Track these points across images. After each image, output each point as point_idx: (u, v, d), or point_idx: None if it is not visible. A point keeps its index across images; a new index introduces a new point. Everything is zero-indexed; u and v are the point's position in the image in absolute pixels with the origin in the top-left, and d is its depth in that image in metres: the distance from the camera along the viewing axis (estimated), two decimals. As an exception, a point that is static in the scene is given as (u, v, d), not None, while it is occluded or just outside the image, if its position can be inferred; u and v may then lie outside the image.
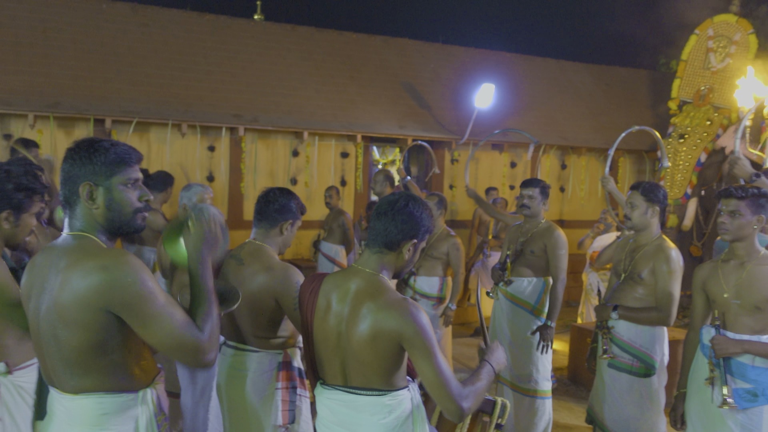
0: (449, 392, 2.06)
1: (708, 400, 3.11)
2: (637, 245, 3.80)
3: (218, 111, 9.06)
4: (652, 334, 3.70)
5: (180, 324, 1.86)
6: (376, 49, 11.44)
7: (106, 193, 1.92)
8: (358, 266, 2.26)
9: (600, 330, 3.78)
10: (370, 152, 10.80)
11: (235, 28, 10.36)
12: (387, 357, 2.12)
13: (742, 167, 3.74)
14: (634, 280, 3.72)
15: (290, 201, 3.00)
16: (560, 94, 12.51)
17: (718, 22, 10.17)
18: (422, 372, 2.09)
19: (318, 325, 2.26)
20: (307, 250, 9.23)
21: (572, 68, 13.31)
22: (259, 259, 2.89)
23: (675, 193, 9.69)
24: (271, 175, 9.51)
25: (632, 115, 12.58)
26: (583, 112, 12.31)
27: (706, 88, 10.03)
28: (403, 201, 2.22)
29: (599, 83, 13.27)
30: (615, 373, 3.73)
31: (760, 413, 2.98)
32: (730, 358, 3.03)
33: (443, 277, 5.44)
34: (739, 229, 3.03)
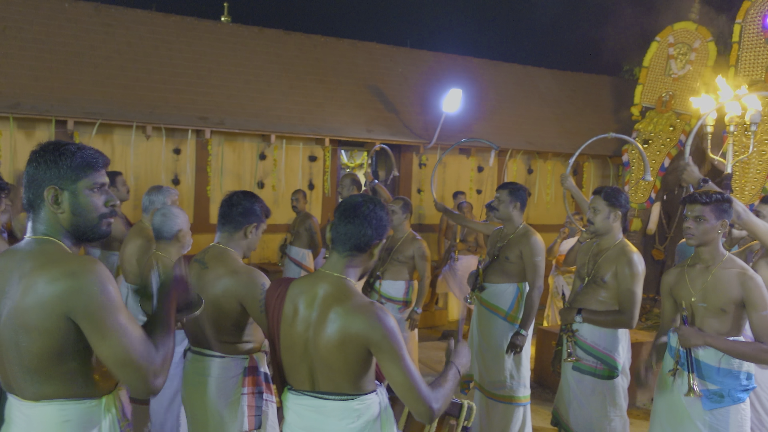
0: (419, 394, 2.06)
1: (676, 401, 3.16)
2: (599, 249, 3.85)
3: (184, 113, 8.96)
4: (615, 336, 3.75)
5: (136, 342, 1.82)
6: (344, 52, 11.43)
7: (71, 198, 1.89)
8: (325, 270, 2.25)
9: (564, 333, 3.82)
10: (338, 156, 10.78)
11: (202, 29, 10.25)
12: (355, 361, 2.12)
13: (691, 173, 3.84)
14: (597, 283, 3.77)
15: (254, 204, 2.97)
16: (526, 99, 12.65)
17: (678, 30, 10.40)
18: (391, 376, 2.09)
19: (285, 330, 2.24)
20: (274, 255, 9.18)
21: (538, 74, 13.48)
22: (223, 263, 2.86)
23: (639, 198, 9.87)
24: (238, 178, 9.43)
25: (597, 120, 12.79)
26: (548, 117, 12.47)
27: (668, 95, 10.25)
28: (370, 203, 2.23)
29: (565, 89, 13.46)
30: (579, 376, 3.77)
31: (726, 413, 3.05)
32: (699, 360, 3.09)
33: (409, 280, 5.44)
34: (704, 233, 3.09)
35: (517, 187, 4.55)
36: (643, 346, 5.84)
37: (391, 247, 5.44)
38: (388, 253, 5.43)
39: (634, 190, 10.00)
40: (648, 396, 5.91)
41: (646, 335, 6.16)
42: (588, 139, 6.08)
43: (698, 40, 10.14)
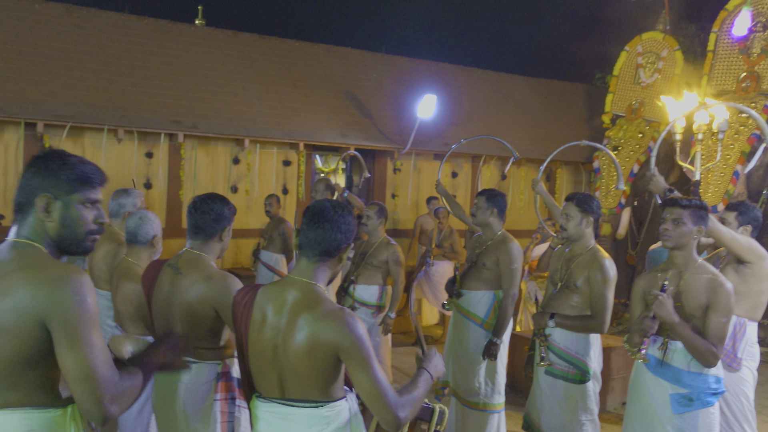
0: (386, 402, 2.06)
1: (648, 404, 3.20)
2: (572, 255, 3.90)
3: (157, 117, 8.88)
4: (587, 341, 3.79)
5: (102, 362, 1.79)
6: (319, 57, 11.43)
7: (63, 209, 1.89)
8: (294, 276, 2.24)
9: (537, 338, 3.86)
10: (313, 161, 10.76)
11: (175, 32, 10.18)
12: (324, 368, 2.11)
13: (657, 183, 3.91)
14: (569, 288, 3.81)
15: (224, 207, 2.95)
16: (500, 105, 12.76)
17: (647, 39, 10.59)
18: (359, 382, 2.08)
19: (253, 338, 2.23)
20: (247, 259, 9.13)
21: (512, 81, 13.60)
22: (198, 269, 2.84)
23: (609, 203, 10.00)
24: (211, 183, 9.36)
25: (569, 127, 12.94)
26: (522, 124, 12.58)
27: (637, 103, 10.42)
28: (338, 208, 2.24)
29: (538, 96, 13.59)
30: (551, 380, 3.80)
31: (695, 417, 3.09)
32: (669, 363, 3.13)
33: (383, 285, 5.43)
34: (680, 237, 3.14)
35: (495, 193, 4.54)
36: (614, 351, 5.91)
37: (365, 251, 5.43)
38: (363, 258, 5.42)
39: (605, 196, 10.13)
40: (619, 400, 5.98)
41: (617, 340, 6.23)
42: (561, 145, 6.16)
43: (666, 49, 10.34)
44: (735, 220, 4.10)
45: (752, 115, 4.36)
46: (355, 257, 5.51)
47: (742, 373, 3.96)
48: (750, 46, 9.04)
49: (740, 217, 4.09)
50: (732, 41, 9.08)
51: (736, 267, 3.98)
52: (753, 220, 4.09)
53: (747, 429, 3.97)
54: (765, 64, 8.90)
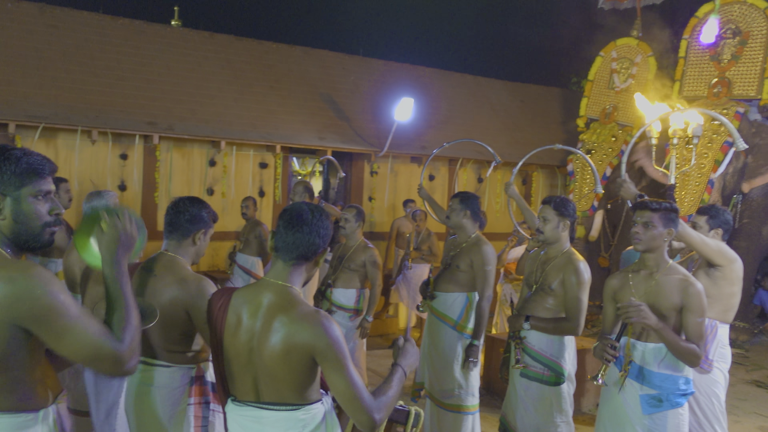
0: (362, 404, 2.06)
1: (618, 405, 3.23)
2: (547, 258, 3.92)
3: (131, 118, 8.79)
4: (562, 344, 3.82)
5: (96, 334, 1.80)
6: (296, 59, 11.40)
7: (14, 205, 1.83)
8: (269, 279, 2.23)
9: (513, 340, 3.88)
10: (290, 163, 10.73)
11: (151, 33, 10.09)
12: (300, 371, 2.11)
13: (628, 189, 3.98)
14: (545, 291, 3.84)
15: (201, 210, 2.92)
16: (477, 109, 12.83)
17: (621, 45, 10.76)
18: (334, 385, 2.08)
19: (228, 341, 2.21)
20: (223, 262, 9.06)
21: (489, 84, 13.68)
22: (172, 271, 2.81)
23: (583, 206, 10.12)
24: (187, 185, 9.29)
25: (545, 131, 13.05)
26: (498, 127, 12.67)
27: (611, 107, 10.56)
28: (316, 211, 2.23)
29: (514, 100, 13.69)
30: (526, 382, 3.82)
31: (664, 418, 3.12)
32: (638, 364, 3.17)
33: (360, 289, 5.41)
34: (651, 239, 3.17)
35: (468, 195, 4.56)
36: (589, 353, 5.96)
37: (342, 255, 5.41)
38: (340, 261, 5.39)
39: (578, 199, 10.25)
40: (593, 401, 6.04)
41: (592, 342, 6.30)
42: (534, 149, 6.22)
43: (639, 55, 10.50)
44: (706, 224, 4.16)
45: (722, 121, 4.44)
46: (333, 260, 5.50)
47: (714, 375, 4.03)
48: (720, 53, 9.21)
49: (711, 221, 4.15)
50: (702, 48, 9.24)
51: (707, 270, 4.04)
52: (723, 224, 4.15)
53: (718, 429, 4.03)
54: (735, 70, 9.08)
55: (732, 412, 5.93)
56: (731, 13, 9.20)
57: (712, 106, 8.86)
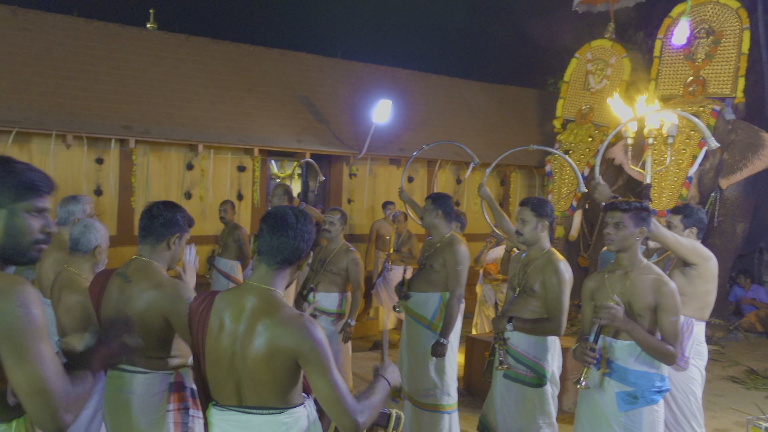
0: (345, 407, 2.06)
1: (595, 403, 3.26)
2: (528, 259, 3.95)
3: (107, 122, 8.69)
4: (545, 345, 3.83)
5: (53, 373, 1.74)
6: (274, 62, 11.36)
7: (8, 217, 1.81)
8: (252, 282, 2.22)
9: (496, 341, 3.89)
10: (268, 166, 10.68)
11: (126, 36, 9.99)
12: (283, 374, 2.10)
13: (601, 191, 4.02)
14: (527, 293, 3.86)
15: (176, 214, 2.89)
16: (455, 110, 12.88)
17: (596, 47, 10.88)
18: (317, 388, 2.08)
19: (210, 345, 2.20)
20: (202, 267, 9.00)
21: (466, 86, 13.74)
22: (147, 276, 2.78)
23: (562, 206, 10.20)
24: (164, 189, 9.20)
25: (523, 132, 13.14)
26: (476, 129, 12.72)
27: (587, 108, 10.67)
28: (300, 215, 2.23)
29: (492, 101, 13.77)
30: (509, 383, 3.84)
31: (639, 415, 3.16)
32: (613, 362, 3.20)
33: (343, 292, 5.37)
34: (623, 239, 3.21)
35: (440, 196, 4.60)
36: (569, 352, 5.99)
37: (324, 258, 5.36)
38: (322, 265, 5.34)
39: (557, 199, 10.32)
40: (574, 400, 6.08)
41: (572, 341, 6.33)
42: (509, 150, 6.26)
43: (614, 56, 10.63)
44: (680, 222, 4.22)
45: (692, 120, 4.50)
46: (314, 264, 5.44)
47: (690, 372, 4.08)
48: (695, 52, 9.34)
49: (685, 220, 4.21)
50: (677, 47, 9.36)
51: (683, 269, 4.10)
52: (698, 222, 4.21)
53: (695, 426, 4.08)
54: (710, 68, 9.21)
55: (709, 407, 6.01)
56: (704, 12, 9.33)
57: (688, 104, 8.97)
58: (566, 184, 10.26)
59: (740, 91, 8.93)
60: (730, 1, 9.18)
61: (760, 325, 9.24)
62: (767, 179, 9.37)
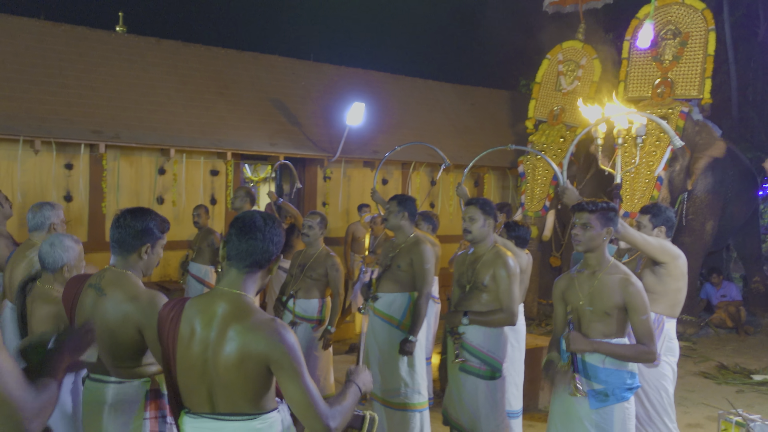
0: (317, 412, 2.06)
1: (568, 401, 3.30)
2: (476, 256, 4.08)
3: (76, 126, 8.57)
4: (498, 339, 3.97)
5: (14, 383, 1.70)
6: (246, 65, 11.30)
7: None
8: (222, 288, 2.20)
9: (451, 336, 4.00)
10: (241, 170, 10.61)
11: (95, 39, 9.86)
12: (255, 379, 2.09)
13: (570, 195, 4.13)
14: (478, 288, 3.98)
15: (146, 222, 2.80)
16: (428, 112, 12.92)
17: (567, 48, 11.00)
18: (288, 393, 2.07)
19: (182, 352, 2.18)
20: (176, 272, 8.91)
21: (439, 88, 13.80)
22: (122, 288, 2.71)
23: (535, 206, 10.28)
24: (136, 194, 9.10)
25: (496, 133, 13.23)
26: (450, 130, 12.78)
27: (559, 108, 10.77)
28: (268, 219, 2.22)
29: (465, 103, 13.84)
30: (465, 376, 3.96)
31: (611, 412, 3.21)
32: (584, 361, 3.24)
33: (322, 298, 5.25)
34: (590, 240, 3.27)
35: (406, 198, 4.67)
36: (544, 351, 6.05)
37: (303, 263, 5.24)
38: (301, 270, 5.22)
39: (530, 200, 10.40)
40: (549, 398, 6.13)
41: (546, 340, 6.39)
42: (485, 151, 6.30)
43: (585, 57, 10.75)
44: (649, 222, 4.30)
45: (655, 120, 4.58)
46: (292, 269, 5.34)
47: (662, 368, 4.14)
48: (662, 54, 9.48)
49: (654, 219, 4.29)
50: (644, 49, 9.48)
51: (653, 268, 4.17)
52: (666, 221, 4.29)
53: (667, 421, 4.15)
54: (677, 70, 9.35)
55: (681, 403, 6.10)
56: (670, 14, 9.47)
57: (657, 106, 9.10)
58: (539, 184, 10.34)
59: (707, 92, 9.08)
60: (696, 2, 9.33)
61: (730, 321, 9.41)
62: (735, 178, 9.54)
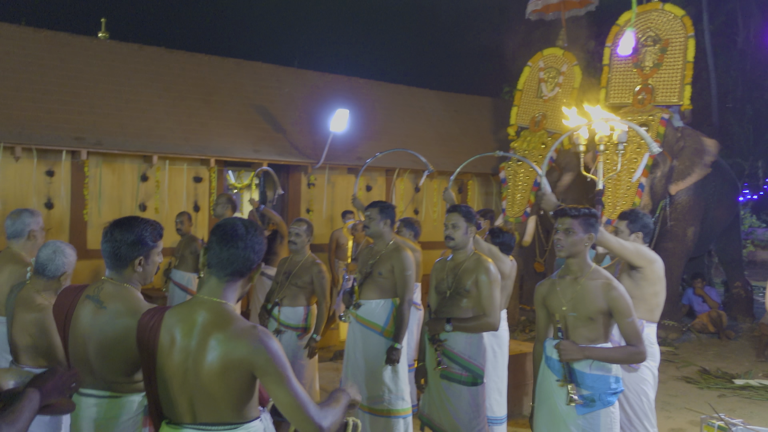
0: (307, 414, 2.05)
1: (554, 407, 3.32)
2: (456, 263, 4.10)
3: (58, 133, 8.49)
4: (479, 345, 4.00)
5: None
6: (229, 71, 11.27)
7: None
8: (203, 296, 2.19)
9: (433, 343, 4.00)
10: (225, 176, 10.57)
11: (77, 45, 9.80)
12: (238, 388, 2.08)
13: (548, 201, 4.17)
14: (460, 294, 4.00)
15: (136, 234, 2.72)
16: (412, 119, 12.95)
17: (548, 55, 11.07)
18: (278, 398, 2.06)
19: (162, 362, 2.16)
20: (158, 279, 8.83)
21: (423, 95, 13.85)
22: (123, 302, 2.65)
23: (515, 212, 10.32)
24: (118, 201, 9.03)
25: (479, 140, 13.28)
26: (433, 137, 12.82)
27: (540, 115, 10.84)
28: (250, 227, 2.21)
29: (449, 110, 13.89)
30: (447, 383, 3.97)
31: (597, 417, 3.23)
32: (572, 367, 3.26)
33: (307, 306, 5.21)
34: (572, 245, 3.30)
35: (386, 205, 4.70)
36: (528, 357, 6.07)
37: (289, 270, 5.20)
38: (287, 277, 5.18)
39: (511, 205, 10.44)
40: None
41: (530, 346, 6.41)
42: (471, 157, 6.32)
43: (565, 64, 10.83)
44: (626, 228, 4.36)
45: (633, 127, 4.63)
46: (278, 276, 5.29)
47: (642, 373, 4.18)
48: (642, 60, 9.56)
49: (631, 225, 4.35)
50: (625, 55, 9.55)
51: (630, 273, 4.23)
52: (643, 227, 4.34)
53: (647, 425, 4.19)
54: (658, 77, 9.43)
55: (664, 408, 6.14)
56: (650, 21, 9.56)
57: (638, 113, 9.18)
58: (520, 190, 10.39)
59: (687, 98, 9.16)
60: (675, 9, 9.42)
61: (712, 326, 9.49)
62: (716, 184, 9.63)
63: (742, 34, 14.88)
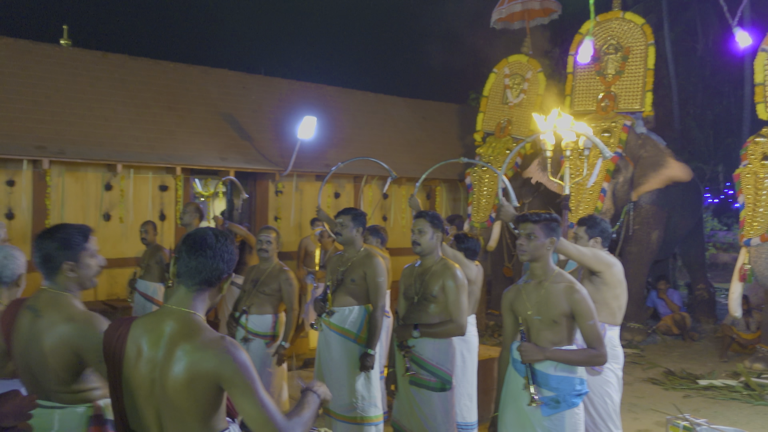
0: (275, 427, 2.02)
1: (520, 409, 3.36)
2: (423, 269, 4.14)
3: (18, 142, 8.33)
4: (447, 351, 4.03)
5: None
6: (195, 79, 11.18)
7: None
8: (171, 306, 2.16)
9: (402, 349, 4.03)
10: (191, 185, 10.46)
11: (38, 53, 9.62)
12: (206, 399, 2.05)
13: (506, 212, 4.26)
14: (427, 299, 4.04)
15: (58, 239, 2.65)
16: (380, 126, 12.99)
17: (513, 62, 11.21)
18: (244, 410, 2.04)
19: (128, 374, 2.13)
20: (123, 290, 8.70)
21: (390, 101, 13.90)
22: (58, 309, 2.61)
23: (480, 217, 10.40)
24: (82, 211, 8.88)
25: (446, 146, 13.37)
26: (401, 144, 12.87)
27: (506, 121, 10.96)
28: (220, 236, 2.19)
29: (416, 116, 13.96)
30: (416, 389, 4.00)
31: (562, 418, 3.27)
32: (536, 369, 3.30)
33: (275, 314, 5.20)
34: (534, 250, 3.36)
35: (358, 212, 4.73)
36: (496, 362, 6.11)
37: (256, 278, 5.20)
38: (254, 285, 5.18)
39: (476, 210, 10.53)
40: (501, 408, 6.18)
41: (497, 351, 6.45)
42: (438, 163, 6.37)
43: (530, 71, 10.98)
44: (585, 233, 4.43)
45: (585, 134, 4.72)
46: (246, 284, 5.28)
47: (606, 375, 4.25)
48: (605, 68, 9.73)
49: (589, 231, 4.42)
50: (588, 63, 9.71)
51: (590, 278, 4.30)
52: (602, 232, 4.42)
53: (611, 427, 4.26)
54: (620, 84, 9.60)
55: (631, 410, 6.23)
56: (612, 29, 9.74)
57: (601, 120, 9.32)
58: (485, 195, 10.48)
59: (648, 105, 9.34)
60: (635, 17, 9.62)
61: (676, 328, 9.66)
62: (679, 190, 9.82)
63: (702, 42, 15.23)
